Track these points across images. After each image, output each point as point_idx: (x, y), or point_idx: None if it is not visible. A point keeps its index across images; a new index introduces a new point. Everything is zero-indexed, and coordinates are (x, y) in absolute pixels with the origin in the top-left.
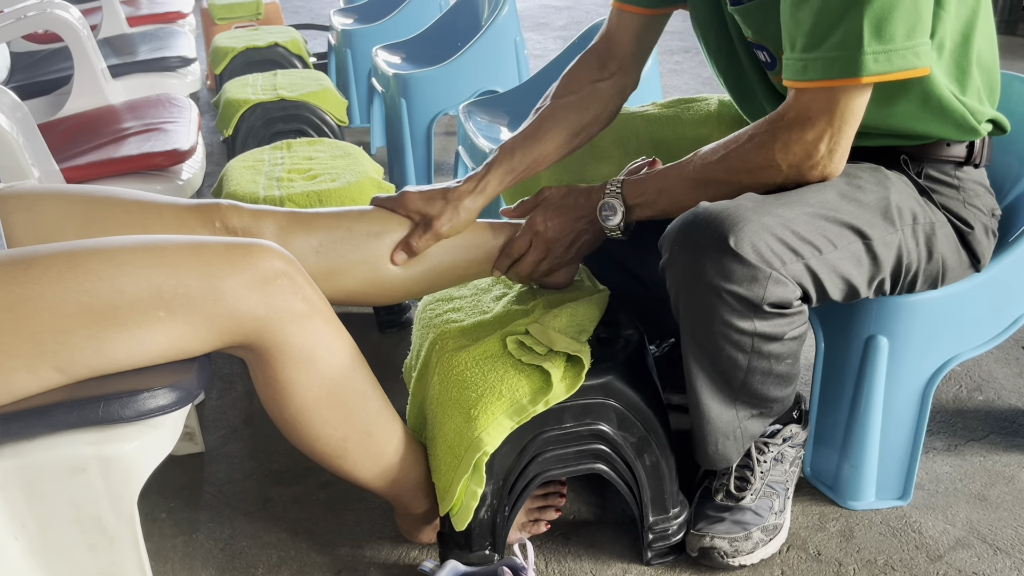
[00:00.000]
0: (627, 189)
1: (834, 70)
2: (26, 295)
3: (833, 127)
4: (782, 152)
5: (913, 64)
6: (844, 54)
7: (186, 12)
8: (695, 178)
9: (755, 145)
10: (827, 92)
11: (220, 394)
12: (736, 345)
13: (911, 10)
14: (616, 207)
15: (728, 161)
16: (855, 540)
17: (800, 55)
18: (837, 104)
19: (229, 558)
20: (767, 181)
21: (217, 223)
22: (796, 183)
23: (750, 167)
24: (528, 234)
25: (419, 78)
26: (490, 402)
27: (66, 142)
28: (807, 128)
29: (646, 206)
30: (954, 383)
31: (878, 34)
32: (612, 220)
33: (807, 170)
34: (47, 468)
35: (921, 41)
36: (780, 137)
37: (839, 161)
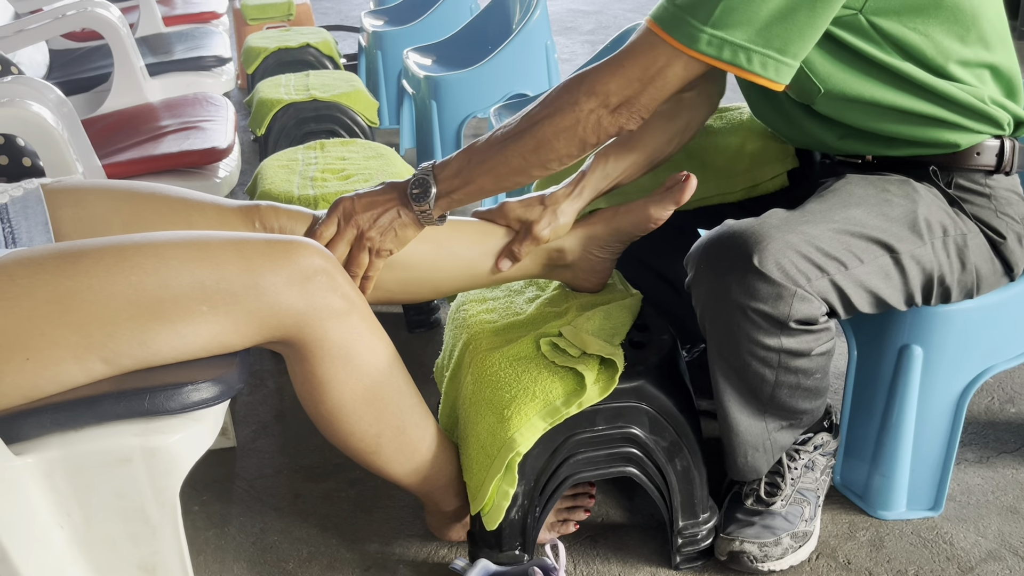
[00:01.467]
0: (437, 166)
1: (676, 28)
2: (75, 287)
3: (642, 79)
4: (586, 93)
5: (742, 63)
6: (691, 21)
7: (221, 12)
8: (500, 137)
9: (563, 87)
10: (659, 44)
11: (251, 390)
12: (763, 361)
13: (762, 15)
14: (426, 183)
15: (532, 108)
16: (885, 550)
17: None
18: (659, 59)
19: (260, 552)
20: (566, 127)
21: (256, 223)
22: (596, 133)
23: (551, 110)
24: (335, 212)
25: (450, 80)
26: (523, 403)
27: (106, 138)
28: (617, 71)
29: (454, 176)
30: (986, 395)
31: (723, 20)
32: (423, 197)
33: (605, 115)
34: (93, 458)
35: (761, 50)
36: (587, 78)
37: (635, 115)
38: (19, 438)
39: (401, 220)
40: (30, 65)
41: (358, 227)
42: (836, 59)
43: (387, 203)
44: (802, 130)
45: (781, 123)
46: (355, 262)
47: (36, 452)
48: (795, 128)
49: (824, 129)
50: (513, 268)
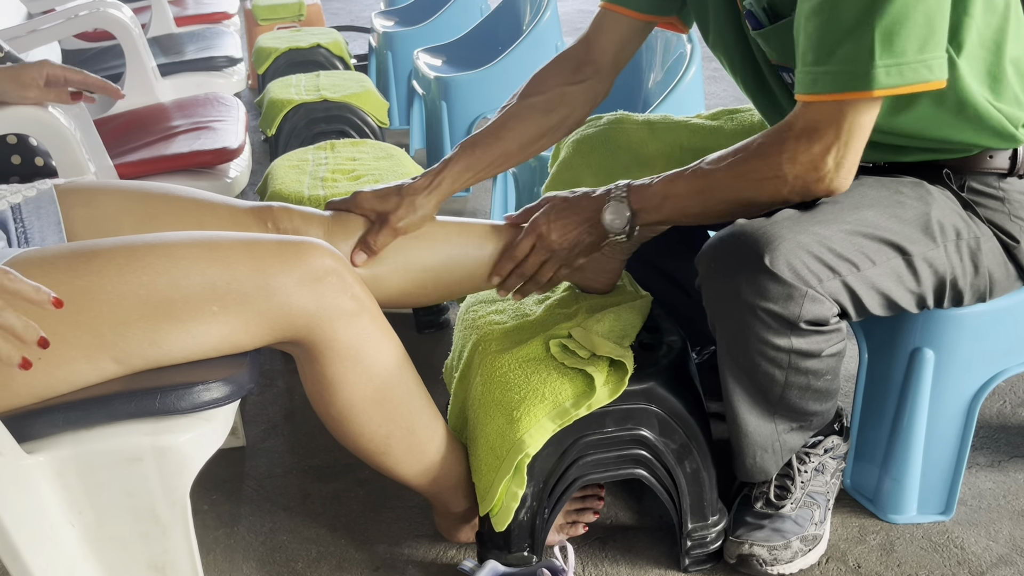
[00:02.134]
0: (633, 193)
1: (845, 83)
2: (87, 287)
3: (840, 140)
4: (789, 163)
5: (925, 77)
6: (855, 67)
7: (232, 12)
8: (700, 184)
9: (762, 154)
10: (836, 105)
11: (261, 390)
12: (772, 361)
13: (922, 23)
14: (622, 211)
15: (734, 168)
16: (896, 554)
17: (810, 68)
18: (845, 117)
19: (269, 552)
20: (771, 192)
21: (269, 224)
22: (801, 197)
23: (755, 176)
24: (532, 236)
25: (460, 81)
26: (533, 404)
27: (118, 139)
28: (815, 140)
29: (651, 211)
30: (998, 398)
31: (889, 47)
32: (617, 223)
33: (813, 183)
34: (105, 457)
35: (934, 55)
36: (788, 148)
37: (846, 176)
38: (31, 437)
39: (589, 241)
40: None
41: (551, 252)
42: None
43: (579, 226)
44: None
45: None
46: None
47: (48, 451)
48: None
49: None
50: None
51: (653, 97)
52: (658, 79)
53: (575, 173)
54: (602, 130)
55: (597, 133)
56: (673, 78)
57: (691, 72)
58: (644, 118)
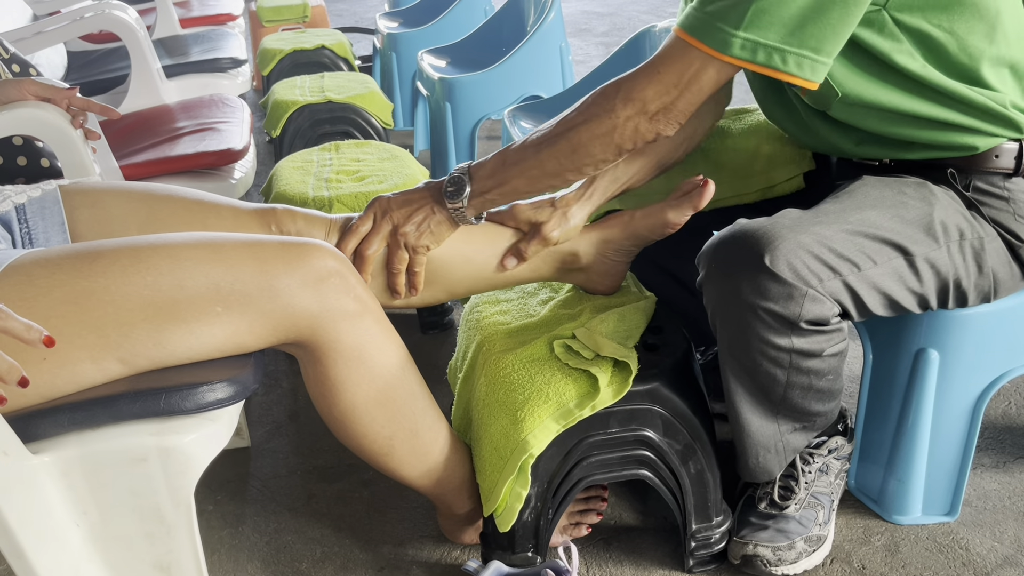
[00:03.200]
0: (473, 166)
1: (708, 35)
2: (91, 288)
3: (679, 86)
4: (622, 100)
5: (776, 65)
6: (722, 26)
7: (236, 14)
8: (536, 141)
9: (599, 94)
10: (689, 50)
11: (266, 390)
12: (774, 361)
13: (795, 15)
14: (461, 182)
15: (568, 113)
16: (900, 555)
17: (694, 9)
18: (692, 66)
19: (274, 552)
20: (603, 133)
21: (273, 226)
22: (632, 139)
23: (587, 116)
24: (371, 208)
25: (464, 82)
26: (537, 405)
27: (123, 140)
28: (653, 78)
29: (489, 178)
30: (1003, 399)
31: (756, 22)
32: (457, 195)
33: (642, 122)
34: (109, 457)
35: (796, 50)
36: (623, 85)
37: (672, 120)
38: (36, 437)
39: (436, 217)
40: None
41: (393, 222)
42: (854, 64)
43: (422, 200)
44: (818, 136)
45: (796, 129)
46: (395, 258)
47: (53, 451)
48: (811, 134)
49: (840, 135)
50: (527, 270)
51: None
52: None
53: None
54: None
55: None
56: None
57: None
58: None
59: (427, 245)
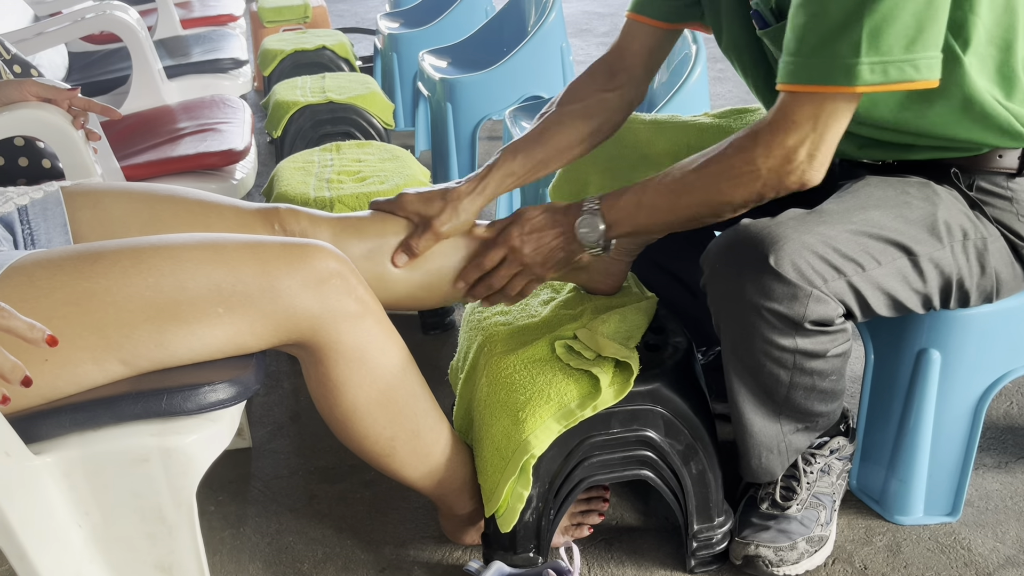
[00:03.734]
0: (605, 204)
1: (827, 75)
2: (93, 289)
3: (816, 132)
4: (763, 156)
5: (911, 76)
6: (839, 61)
7: (237, 15)
8: (673, 187)
9: (735, 149)
10: (815, 97)
11: (267, 391)
12: (777, 362)
13: (911, 23)
14: (595, 223)
15: (707, 167)
16: (902, 555)
17: (794, 58)
18: (823, 109)
19: (275, 552)
20: (746, 187)
21: (276, 226)
22: (776, 191)
23: (728, 171)
24: (503, 248)
25: (465, 83)
26: (538, 405)
27: (124, 141)
28: (790, 132)
29: (624, 221)
30: (1005, 400)
31: (875, 44)
32: (591, 236)
33: (785, 175)
34: (111, 458)
35: (923, 55)
36: (761, 140)
37: (818, 169)
38: (38, 438)
39: (564, 256)
40: (49, 67)
41: (523, 265)
42: None
43: (554, 239)
44: None
45: None
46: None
47: (55, 451)
48: None
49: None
50: None
51: (659, 98)
52: (663, 80)
53: (582, 172)
54: None
55: None
56: (679, 79)
57: (696, 73)
58: (651, 117)
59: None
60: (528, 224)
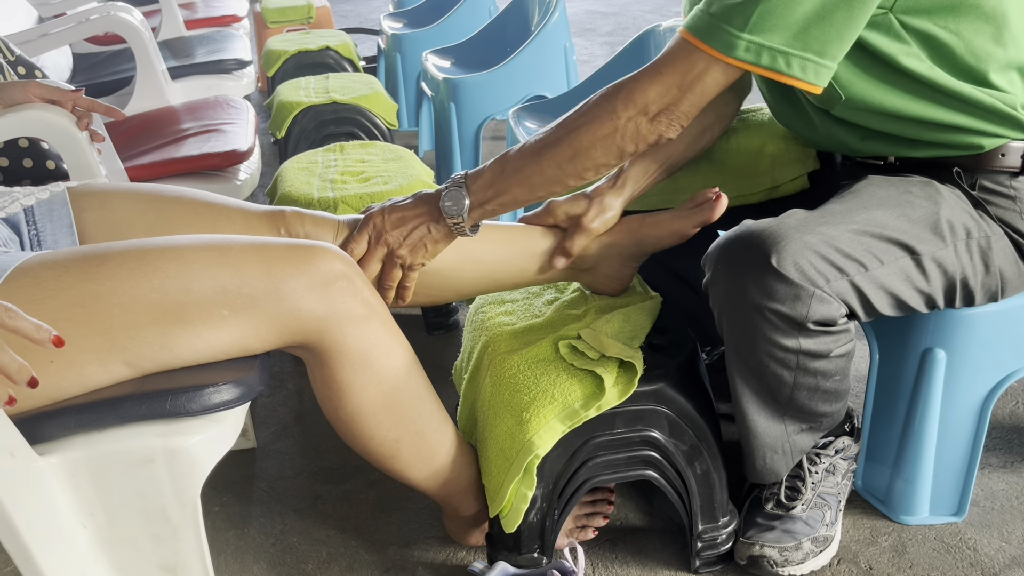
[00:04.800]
0: (470, 177)
1: (712, 37)
2: (98, 291)
3: (681, 86)
4: (624, 101)
5: (780, 68)
6: (726, 29)
7: (241, 15)
8: (535, 146)
9: (599, 96)
10: (694, 52)
11: (271, 392)
12: (780, 362)
13: (799, 20)
14: (459, 196)
15: (568, 117)
16: (907, 555)
17: (700, 9)
18: (696, 66)
19: (280, 553)
20: (604, 136)
21: (282, 229)
22: (634, 142)
23: (588, 118)
24: (366, 229)
25: (469, 83)
26: (542, 405)
27: (128, 142)
28: (655, 79)
29: (488, 187)
30: (1011, 399)
31: (760, 26)
32: (454, 209)
33: (644, 124)
34: (116, 459)
35: (800, 54)
36: (625, 86)
37: (675, 123)
38: (43, 439)
39: (432, 236)
40: (54, 69)
41: (388, 245)
42: (859, 67)
43: (417, 218)
44: (823, 133)
45: (802, 126)
46: (387, 277)
47: (60, 452)
48: (816, 131)
49: (845, 132)
50: (535, 271)
51: None
52: None
53: None
54: None
55: None
56: None
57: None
58: None
59: (422, 263)
60: (391, 205)
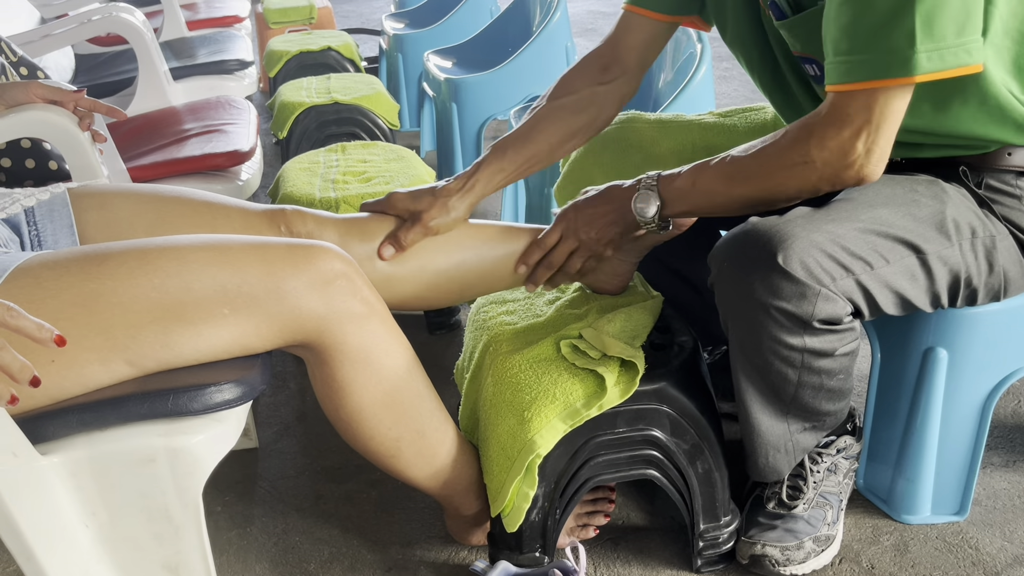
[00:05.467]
0: (663, 182)
1: (883, 69)
2: (99, 290)
3: (872, 125)
4: (817, 148)
5: (965, 61)
6: (895, 54)
7: (243, 16)
8: (729, 172)
9: (790, 140)
10: (869, 92)
11: (273, 391)
12: (785, 360)
13: (960, 7)
14: (651, 199)
15: (762, 156)
16: (910, 555)
17: (845, 57)
18: (877, 103)
19: (282, 552)
20: (802, 179)
21: (282, 227)
22: (832, 185)
23: (784, 162)
24: (560, 225)
25: (470, 83)
26: (544, 405)
27: (130, 142)
28: (845, 125)
29: (680, 199)
30: (1013, 398)
31: (930, 32)
32: (647, 212)
33: (843, 169)
34: (118, 458)
35: (972, 38)
36: (816, 133)
37: (876, 163)
38: (45, 438)
39: (620, 230)
40: (56, 69)
41: (580, 241)
42: None
43: (609, 216)
44: None
45: None
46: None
47: (62, 452)
48: None
49: None
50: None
51: (664, 97)
52: (668, 79)
53: (586, 172)
54: (614, 129)
55: (609, 132)
56: (683, 78)
57: (701, 72)
58: (656, 117)
59: (610, 254)
60: (584, 200)
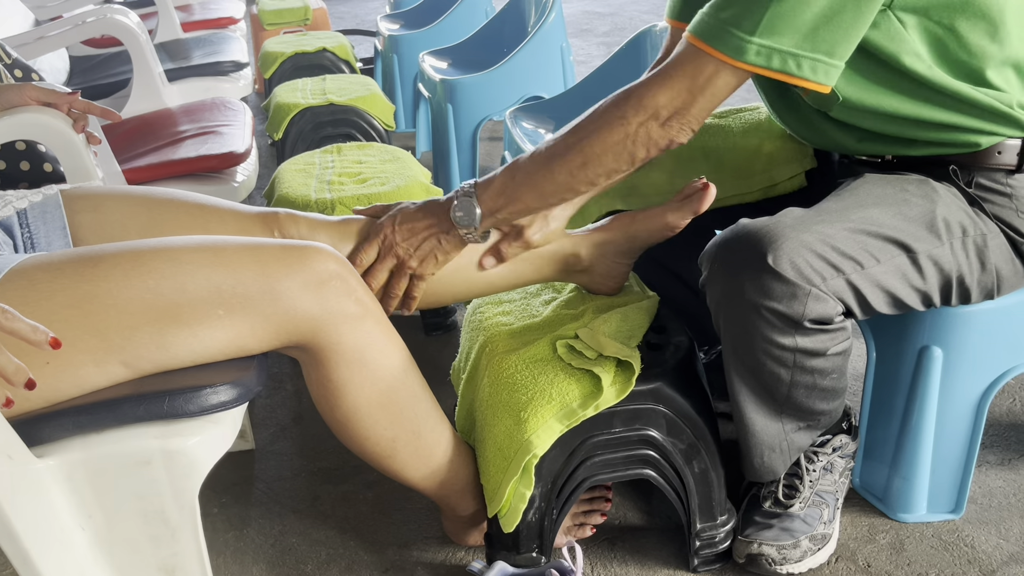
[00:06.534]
0: (480, 187)
1: (722, 42)
2: (94, 292)
3: (691, 90)
4: (634, 107)
5: (791, 70)
6: (736, 33)
7: (238, 17)
8: (546, 154)
9: (609, 103)
10: (702, 56)
11: (270, 393)
12: (778, 360)
13: (809, 22)
14: (470, 206)
15: (577, 124)
16: (906, 553)
17: (707, 12)
18: (705, 70)
19: (279, 554)
20: (616, 142)
21: (275, 231)
22: (645, 148)
23: (599, 125)
24: (376, 239)
25: (465, 84)
26: (540, 405)
27: (125, 144)
28: (666, 84)
29: (500, 198)
30: (1008, 396)
31: (770, 30)
32: (466, 219)
33: (655, 129)
34: (114, 460)
35: (810, 55)
36: (635, 92)
37: (686, 127)
38: (41, 440)
39: (443, 247)
40: (51, 71)
41: (398, 257)
42: (856, 68)
43: (428, 229)
44: (821, 132)
45: (799, 125)
46: (395, 286)
47: (58, 454)
48: (814, 130)
49: (842, 132)
50: (531, 272)
51: None
52: None
53: None
54: None
55: None
56: None
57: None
58: None
59: (432, 272)
60: (401, 215)
